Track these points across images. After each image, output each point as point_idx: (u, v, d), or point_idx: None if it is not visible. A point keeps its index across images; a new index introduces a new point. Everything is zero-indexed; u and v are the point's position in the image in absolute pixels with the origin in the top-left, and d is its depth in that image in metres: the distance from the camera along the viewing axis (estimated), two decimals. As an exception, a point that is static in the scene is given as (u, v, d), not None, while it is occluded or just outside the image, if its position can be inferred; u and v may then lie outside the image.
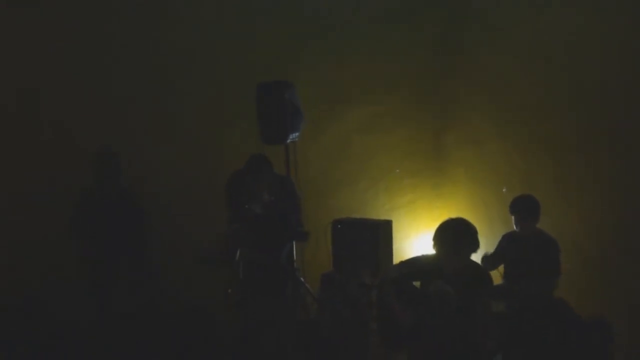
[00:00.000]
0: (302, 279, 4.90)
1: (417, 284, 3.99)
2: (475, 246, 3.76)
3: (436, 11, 6.42)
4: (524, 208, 4.54)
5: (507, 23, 5.71)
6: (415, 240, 6.38)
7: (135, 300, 4.19)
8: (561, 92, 5.23)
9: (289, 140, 4.96)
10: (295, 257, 4.83)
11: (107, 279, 4.20)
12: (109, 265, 4.22)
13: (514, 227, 4.63)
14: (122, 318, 4.12)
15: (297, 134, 4.98)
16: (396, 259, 4.98)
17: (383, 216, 5.90)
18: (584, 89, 5.01)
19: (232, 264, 3.68)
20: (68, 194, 4.50)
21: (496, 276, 4.53)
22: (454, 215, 3.99)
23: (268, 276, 4.03)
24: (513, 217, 4.59)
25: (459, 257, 3.73)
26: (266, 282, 4.03)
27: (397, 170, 6.44)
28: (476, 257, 4.01)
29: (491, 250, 4.77)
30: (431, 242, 3.85)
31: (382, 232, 5.23)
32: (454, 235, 3.72)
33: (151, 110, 5.28)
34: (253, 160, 4.40)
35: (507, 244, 4.76)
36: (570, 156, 5.16)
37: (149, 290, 4.29)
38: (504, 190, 5.32)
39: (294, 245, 4.83)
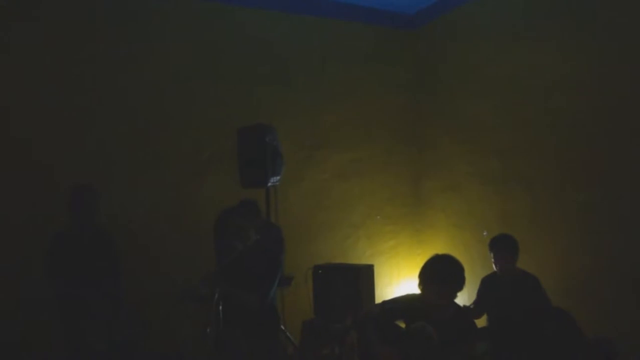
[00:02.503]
0: (282, 326, 4.76)
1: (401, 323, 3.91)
2: (460, 283, 3.70)
3: (411, 55, 6.61)
4: (502, 246, 4.56)
5: (481, 64, 5.88)
6: (396, 286, 6.32)
7: (112, 340, 4.03)
8: (537, 132, 5.33)
9: (269, 184, 4.92)
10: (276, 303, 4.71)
11: (82, 318, 4.03)
12: (84, 304, 4.06)
13: (494, 267, 4.62)
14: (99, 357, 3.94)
15: (277, 177, 4.95)
16: (378, 305, 4.89)
17: (364, 262, 5.84)
18: (559, 128, 5.12)
19: (212, 303, 3.59)
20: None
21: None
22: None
23: (250, 315, 3.94)
24: (492, 256, 4.58)
25: (443, 295, 3.66)
26: (249, 321, 3.93)
27: (378, 217, 6.43)
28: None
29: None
30: (417, 280, 3.79)
31: (364, 276, 5.17)
32: (438, 270, 3.66)
33: (133, 148, 5.18)
34: (247, 204, 4.37)
35: (487, 287, 4.73)
36: (548, 195, 5.21)
37: (126, 330, 4.13)
38: (484, 233, 5.32)
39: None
